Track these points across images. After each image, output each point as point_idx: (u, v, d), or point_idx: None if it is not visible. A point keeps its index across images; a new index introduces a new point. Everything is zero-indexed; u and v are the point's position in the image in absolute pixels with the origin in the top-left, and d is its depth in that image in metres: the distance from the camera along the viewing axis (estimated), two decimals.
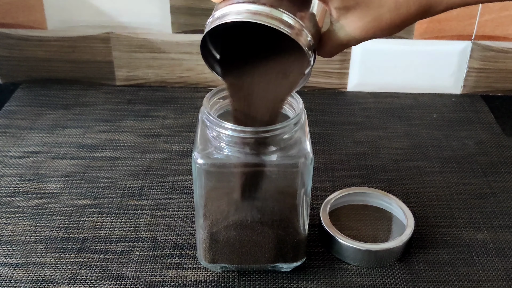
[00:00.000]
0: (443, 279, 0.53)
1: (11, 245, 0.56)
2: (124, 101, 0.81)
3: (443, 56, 0.81)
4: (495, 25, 0.79)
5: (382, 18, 0.43)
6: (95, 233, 0.58)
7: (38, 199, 0.62)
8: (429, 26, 0.79)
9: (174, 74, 0.84)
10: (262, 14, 0.41)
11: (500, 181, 0.66)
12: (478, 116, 0.79)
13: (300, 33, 0.42)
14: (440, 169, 0.68)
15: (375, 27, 0.43)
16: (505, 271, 0.54)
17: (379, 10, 0.42)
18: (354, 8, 0.42)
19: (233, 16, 0.42)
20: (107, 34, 0.80)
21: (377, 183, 0.65)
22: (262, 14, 0.41)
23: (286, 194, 0.49)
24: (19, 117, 0.77)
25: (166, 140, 0.72)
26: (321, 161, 0.69)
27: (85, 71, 0.83)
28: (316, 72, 0.83)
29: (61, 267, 0.54)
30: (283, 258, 0.52)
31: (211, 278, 0.53)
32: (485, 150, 0.72)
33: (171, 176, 0.66)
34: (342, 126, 0.76)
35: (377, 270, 0.54)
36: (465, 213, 0.61)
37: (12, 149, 0.70)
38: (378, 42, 0.80)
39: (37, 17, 0.79)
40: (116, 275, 0.53)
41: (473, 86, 0.84)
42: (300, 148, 0.48)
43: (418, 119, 0.78)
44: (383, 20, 0.43)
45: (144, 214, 0.60)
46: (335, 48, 0.45)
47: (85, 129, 0.74)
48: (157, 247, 0.56)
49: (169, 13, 0.79)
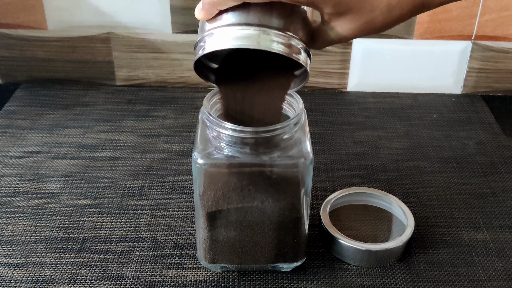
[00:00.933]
0: (443, 279, 0.53)
1: (11, 245, 0.56)
2: (124, 101, 0.81)
3: (443, 56, 0.81)
4: (495, 25, 0.79)
5: (375, 21, 0.43)
6: (95, 233, 0.58)
7: (38, 199, 0.62)
8: (429, 26, 0.79)
9: (174, 74, 0.84)
10: (253, 38, 0.42)
11: (500, 181, 0.66)
12: (478, 116, 0.79)
13: (293, 49, 0.43)
14: (440, 169, 0.68)
15: (367, 28, 0.43)
16: (505, 271, 0.54)
17: (372, 14, 0.42)
18: (346, 13, 0.42)
19: (224, 44, 0.42)
20: (107, 34, 0.80)
21: (377, 183, 0.65)
22: (253, 38, 0.42)
23: (286, 194, 0.49)
24: (19, 117, 0.77)
25: (166, 140, 0.72)
26: (321, 161, 0.69)
27: (85, 71, 0.83)
28: (316, 72, 0.83)
29: (61, 267, 0.54)
30: (283, 258, 0.52)
31: (211, 278, 0.53)
32: (485, 150, 0.72)
33: (171, 176, 0.66)
34: (342, 126, 0.76)
35: (377, 270, 0.54)
36: (465, 213, 0.61)
37: (12, 149, 0.70)
38: (378, 42, 0.80)
39: (37, 17, 0.79)
40: (116, 275, 0.53)
41: (473, 86, 0.84)
42: (300, 148, 0.48)
43: (418, 119, 0.78)
44: (376, 23, 0.43)
45: (144, 214, 0.60)
46: (326, 45, 0.46)
47: (85, 129, 0.74)
48: (157, 247, 0.56)
49: (169, 13, 0.79)
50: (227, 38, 0.42)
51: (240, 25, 0.42)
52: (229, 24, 0.42)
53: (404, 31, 0.79)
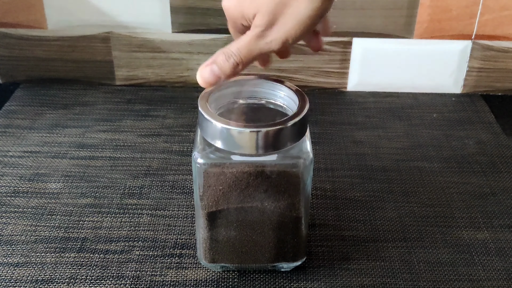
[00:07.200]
0: (443, 279, 0.53)
1: (11, 245, 0.56)
2: (124, 100, 0.81)
3: (443, 56, 0.81)
4: (495, 25, 0.79)
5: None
6: (95, 233, 0.58)
7: (38, 199, 0.62)
8: (429, 26, 0.79)
9: (174, 73, 0.84)
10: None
11: (500, 181, 0.66)
12: (478, 116, 0.79)
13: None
14: (440, 169, 0.68)
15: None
16: (505, 271, 0.54)
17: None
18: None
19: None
20: (107, 33, 0.80)
21: (377, 183, 0.65)
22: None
23: (286, 194, 0.49)
24: (19, 117, 0.77)
25: (166, 140, 0.72)
26: (321, 161, 0.69)
27: (85, 71, 0.83)
28: (316, 72, 0.83)
29: (61, 267, 0.54)
30: (283, 257, 0.52)
31: (211, 278, 0.53)
32: (485, 150, 0.72)
33: (171, 176, 0.66)
34: (342, 126, 0.76)
35: (378, 270, 0.54)
36: (465, 213, 0.61)
37: (12, 149, 0.70)
38: (378, 42, 0.80)
39: (37, 17, 0.79)
40: (116, 275, 0.53)
41: (473, 85, 0.84)
42: (300, 148, 0.48)
43: (418, 119, 0.78)
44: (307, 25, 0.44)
45: (144, 214, 0.60)
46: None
47: (85, 129, 0.74)
48: (157, 247, 0.56)
49: (169, 13, 0.79)
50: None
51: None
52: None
53: (404, 31, 0.79)
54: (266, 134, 0.45)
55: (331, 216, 0.60)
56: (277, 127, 0.45)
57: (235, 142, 0.45)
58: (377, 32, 0.80)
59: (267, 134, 0.45)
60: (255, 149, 0.45)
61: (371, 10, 0.78)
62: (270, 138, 0.45)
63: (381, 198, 0.63)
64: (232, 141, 0.45)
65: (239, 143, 0.45)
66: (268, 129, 0.45)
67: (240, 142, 0.45)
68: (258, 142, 0.45)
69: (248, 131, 0.44)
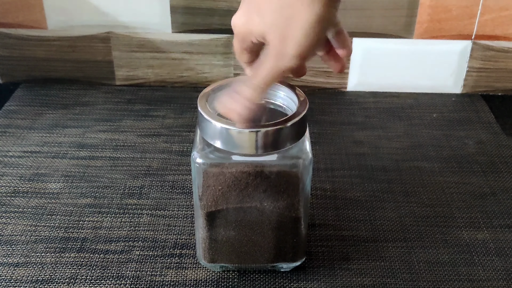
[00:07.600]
0: (443, 279, 0.53)
1: (11, 245, 0.56)
2: (124, 101, 0.81)
3: (443, 56, 0.81)
4: (495, 25, 0.79)
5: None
6: (95, 233, 0.58)
7: (38, 199, 0.62)
8: (429, 26, 0.79)
9: (174, 74, 0.84)
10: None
11: (500, 181, 0.66)
12: (478, 116, 0.79)
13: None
14: (440, 169, 0.68)
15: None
16: (505, 271, 0.54)
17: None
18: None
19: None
20: (107, 34, 0.80)
21: (377, 183, 0.65)
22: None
23: (285, 194, 0.49)
24: (19, 117, 0.77)
25: (166, 140, 0.72)
26: (321, 161, 0.69)
27: (85, 71, 0.83)
28: (316, 72, 0.83)
29: (61, 267, 0.54)
30: (283, 258, 0.52)
31: (211, 277, 0.53)
32: (485, 150, 0.72)
33: (171, 176, 0.66)
34: (342, 126, 0.76)
35: (378, 270, 0.54)
36: (465, 212, 0.61)
37: (12, 149, 0.70)
38: (378, 42, 0.80)
39: (37, 17, 0.79)
40: (116, 275, 0.53)
41: (473, 85, 0.84)
42: (300, 148, 0.48)
43: (418, 119, 0.78)
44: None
45: (144, 214, 0.60)
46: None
47: (85, 129, 0.74)
48: (157, 247, 0.56)
49: (169, 13, 0.79)
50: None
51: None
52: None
53: (404, 31, 0.79)
54: (266, 134, 0.45)
55: (331, 216, 0.60)
56: (276, 127, 0.45)
57: (235, 142, 0.45)
58: (377, 32, 0.80)
59: (267, 134, 0.45)
60: (255, 149, 0.45)
61: (371, 10, 0.78)
62: (270, 138, 0.45)
63: (381, 198, 0.63)
64: (231, 141, 0.45)
65: (239, 143, 0.45)
66: (268, 129, 0.45)
67: (239, 142, 0.45)
68: (258, 142, 0.45)
69: (248, 131, 0.44)
